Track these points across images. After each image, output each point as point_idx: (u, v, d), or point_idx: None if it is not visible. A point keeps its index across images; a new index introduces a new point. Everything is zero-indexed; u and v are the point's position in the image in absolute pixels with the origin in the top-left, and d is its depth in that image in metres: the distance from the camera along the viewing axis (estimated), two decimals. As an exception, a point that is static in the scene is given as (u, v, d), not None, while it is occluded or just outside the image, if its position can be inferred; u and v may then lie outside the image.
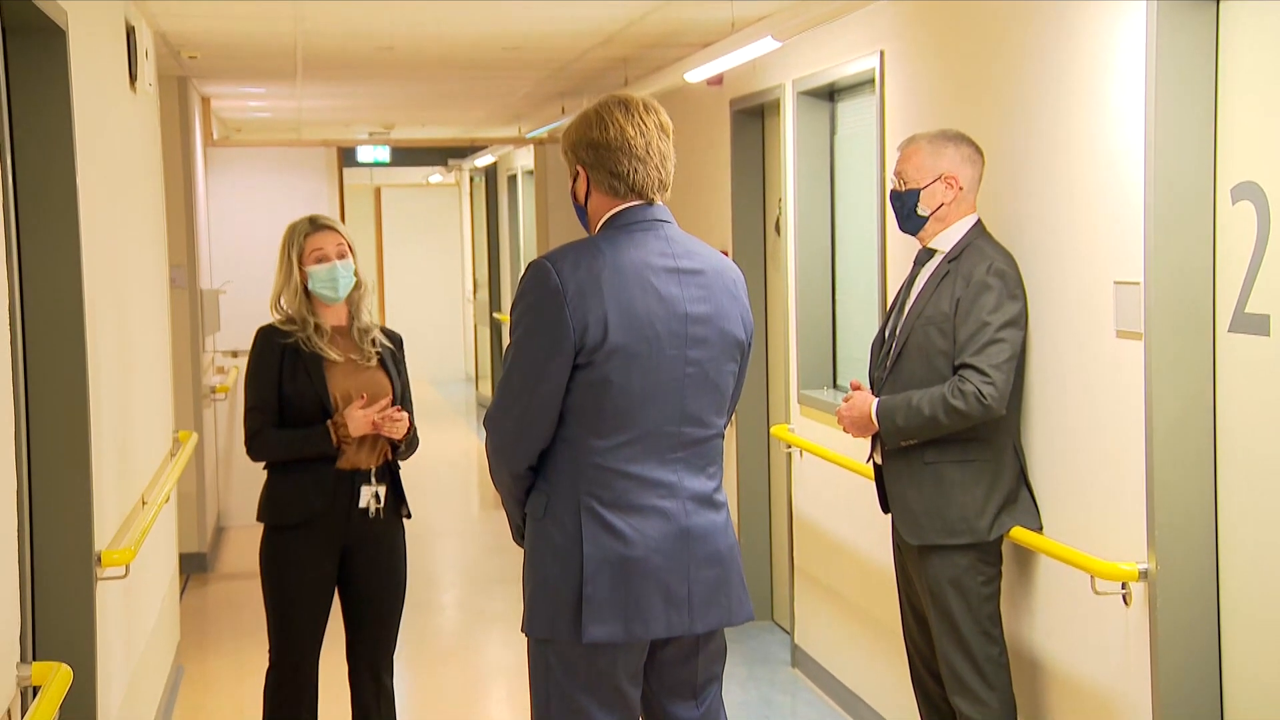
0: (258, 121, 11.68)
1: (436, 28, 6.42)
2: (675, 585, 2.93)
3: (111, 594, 4.08)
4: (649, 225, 2.98)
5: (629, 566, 2.90)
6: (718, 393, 3.00)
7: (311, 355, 4.14)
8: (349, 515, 4.17)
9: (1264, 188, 3.11)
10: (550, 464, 2.96)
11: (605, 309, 2.87)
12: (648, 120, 2.97)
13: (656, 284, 2.92)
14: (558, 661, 2.95)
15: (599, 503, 2.91)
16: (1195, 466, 3.30)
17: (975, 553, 3.80)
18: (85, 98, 3.92)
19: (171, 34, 6.38)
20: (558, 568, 2.92)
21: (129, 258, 4.91)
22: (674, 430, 2.94)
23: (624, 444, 2.91)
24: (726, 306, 3.00)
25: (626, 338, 2.88)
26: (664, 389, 2.92)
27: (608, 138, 2.95)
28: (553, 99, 9.61)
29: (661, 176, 2.99)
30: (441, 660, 6.36)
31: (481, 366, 15.65)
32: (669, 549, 2.93)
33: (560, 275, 2.88)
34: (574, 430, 2.92)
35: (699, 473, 2.98)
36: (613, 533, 2.90)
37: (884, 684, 5.00)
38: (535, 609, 2.96)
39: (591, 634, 2.89)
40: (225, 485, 9.07)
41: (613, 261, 2.91)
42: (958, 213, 3.89)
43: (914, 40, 4.64)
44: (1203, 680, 3.30)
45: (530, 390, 2.91)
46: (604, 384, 2.88)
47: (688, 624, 2.95)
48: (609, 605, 2.89)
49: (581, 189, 3.03)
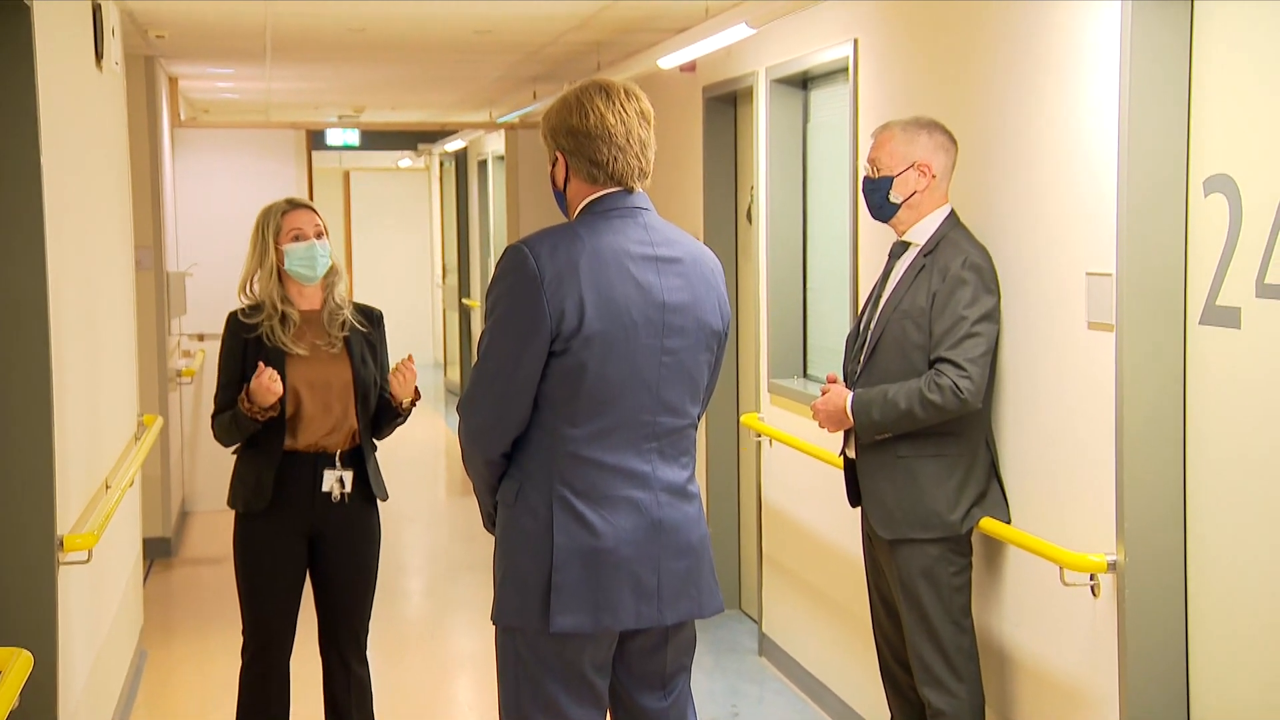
0: (226, 103, 11.59)
1: (408, 9, 6.38)
2: (645, 576, 2.92)
3: (74, 579, 4.04)
4: (628, 212, 2.95)
5: (598, 557, 2.89)
6: (693, 382, 2.99)
7: (274, 349, 4.12)
8: (313, 500, 4.15)
9: (1236, 180, 3.11)
10: (524, 451, 2.93)
11: (582, 295, 2.85)
12: (628, 107, 2.93)
13: (634, 271, 2.90)
14: (526, 650, 2.93)
15: (572, 492, 2.89)
16: (1165, 459, 3.30)
17: (946, 544, 3.80)
18: (50, 76, 3.87)
19: (139, 12, 6.30)
20: (528, 556, 2.90)
21: (94, 239, 4.85)
22: (649, 419, 2.92)
23: (599, 432, 2.89)
24: (704, 296, 2.98)
25: (603, 325, 2.86)
26: (640, 377, 2.90)
27: (588, 125, 2.92)
28: (525, 84, 9.56)
29: (641, 165, 2.96)
30: (409, 647, 6.34)
31: (450, 352, 15.60)
32: (639, 540, 2.92)
33: (538, 260, 2.85)
34: (548, 417, 2.90)
35: (672, 462, 2.97)
36: (583, 524, 2.89)
37: (851, 673, 5.01)
38: (504, 597, 2.94)
39: (559, 623, 2.87)
40: (190, 469, 9.01)
41: (591, 248, 2.89)
42: (931, 202, 3.88)
43: (888, 29, 4.63)
44: (1169, 671, 3.31)
45: (506, 376, 2.88)
46: (579, 370, 2.86)
47: (657, 615, 2.94)
48: (578, 595, 2.88)
49: (560, 174, 3.00)
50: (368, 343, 4.25)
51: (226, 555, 4.42)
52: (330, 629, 4.28)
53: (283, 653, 4.23)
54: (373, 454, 4.25)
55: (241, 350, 4.13)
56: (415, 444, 11.86)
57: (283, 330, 4.14)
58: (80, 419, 4.29)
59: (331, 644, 4.28)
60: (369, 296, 4.89)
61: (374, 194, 17.70)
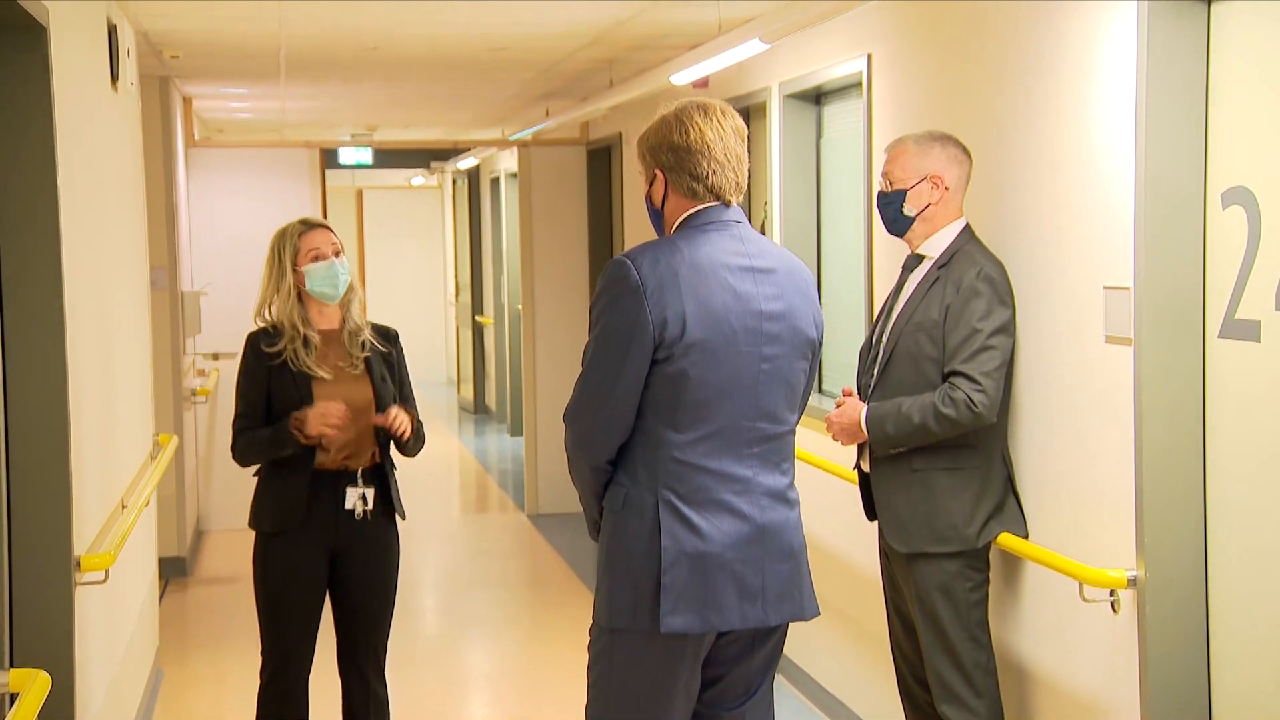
0: (240, 122, 11.63)
1: (421, 28, 6.39)
2: (750, 578, 2.99)
3: (91, 599, 4.03)
4: (723, 225, 3.05)
5: (704, 560, 2.96)
6: (790, 389, 3.06)
7: (300, 373, 4.12)
8: (336, 518, 4.15)
9: (1255, 192, 3.09)
10: (628, 458, 3.00)
11: (683, 304, 2.93)
12: (725, 124, 3.04)
13: (732, 281, 2.99)
14: (626, 653, 2.99)
15: (676, 496, 2.96)
16: (1185, 473, 3.28)
17: (963, 559, 3.78)
18: (66, 97, 3.88)
19: (154, 33, 6.33)
20: (637, 559, 2.96)
21: (109, 259, 4.86)
22: (749, 425, 3.00)
23: (701, 438, 2.96)
24: (798, 305, 3.07)
25: (704, 332, 2.94)
26: (740, 384, 2.98)
27: (688, 141, 3.02)
28: (537, 101, 9.58)
29: (738, 179, 3.07)
30: (425, 664, 6.32)
31: (464, 370, 15.60)
32: (742, 543, 2.98)
33: (639, 271, 2.94)
34: (652, 424, 2.97)
35: (773, 468, 3.04)
36: (689, 526, 2.95)
37: (868, 690, 4.98)
38: (615, 599, 2.99)
39: (670, 624, 2.93)
40: (205, 489, 9.02)
41: (690, 259, 2.98)
42: (945, 215, 3.87)
43: (902, 43, 4.63)
44: (1191, 688, 3.29)
45: (611, 385, 2.96)
46: (681, 378, 2.94)
47: (761, 616, 3.01)
48: (686, 597, 2.94)
49: (659, 192, 3.09)
50: (386, 362, 4.26)
51: (242, 574, 4.42)
52: (350, 647, 4.27)
53: (301, 671, 4.23)
54: (393, 472, 4.26)
55: (265, 375, 4.14)
56: (430, 461, 11.86)
57: (306, 353, 4.14)
58: (96, 439, 4.30)
59: (351, 662, 4.28)
60: (382, 315, 4.89)
61: (387, 212, 17.73)
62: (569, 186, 9.69)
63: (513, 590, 7.81)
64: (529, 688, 6.02)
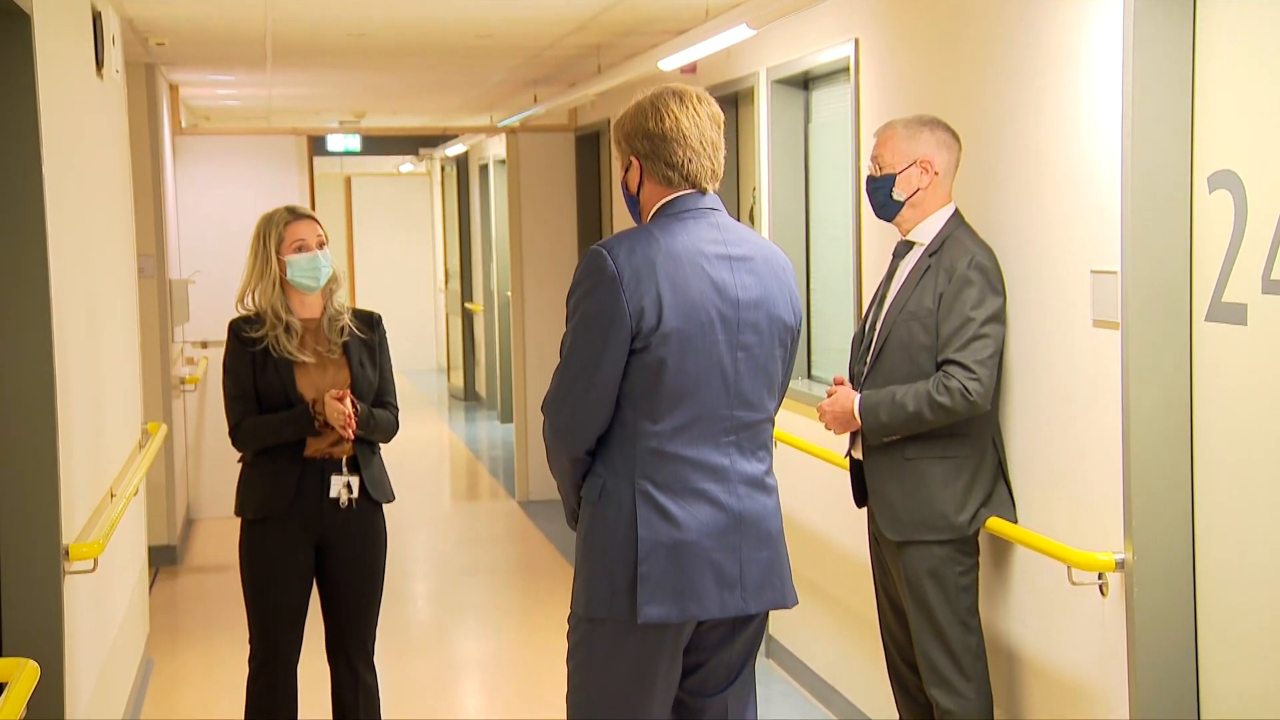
0: (227, 109, 11.59)
1: (408, 14, 6.37)
2: (727, 566, 2.98)
3: (80, 588, 4.03)
4: (700, 213, 3.04)
5: (681, 549, 2.96)
6: (768, 376, 3.06)
7: (282, 359, 4.14)
8: (321, 505, 4.15)
9: (1241, 176, 3.10)
10: (606, 448, 3.00)
11: (660, 292, 2.93)
12: (701, 111, 3.03)
13: (709, 269, 2.98)
14: (605, 642, 2.99)
15: (653, 486, 2.96)
16: (1172, 457, 3.29)
17: (953, 545, 3.79)
18: (51, 84, 3.86)
19: (139, 20, 6.30)
20: (613, 549, 2.96)
21: (96, 247, 4.85)
22: (727, 413, 2.99)
23: (679, 427, 2.96)
24: (776, 292, 3.06)
25: (681, 321, 2.94)
26: (717, 372, 2.98)
27: (663, 128, 3.01)
28: (525, 87, 9.56)
29: (714, 166, 3.05)
30: (414, 652, 6.33)
31: (453, 357, 15.59)
32: (720, 531, 2.98)
33: (616, 261, 2.94)
34: (629, 414, 2.97)
35: (750, 456, 3.04)
36: (665, 516, 2.96)
37: (859, 675, 5.00)
38: (593, 589, 2.99)
39: (647, 614, 2.93)
40: (195, 477, 9.01)
41: (666, 247, 2.97)
42: (934, 200, 3.87)
43: (889, 28, 4.62)
44: (1179, 670, 3.30)
45: (589, 375, 2.95)
46: (659, 366, 2.93)
47: (741, 604, 3.01)
48: (663, 586, 2.94)
49: (634, 179, 3.08)
50: (365, 347, 4.26)
51: (232, 563, 4.42)
52: (338, 635, 4.27)
53: (290, 660, 4.23)
54: (376, 457, 4.26)
55: (250, 361, 4.15)
56: (419, 448, 11.86)
57: (287, 339, 4.15)
58: (84, 427, 4.29)
59: (339, 650, 4.28)
60: (371, 302, 4.90)
61: (375, 199, 17.70)
62: (557, 173, 9.68)
63: (503, 577, 7.82)
64: (519, 674, 6.03)
